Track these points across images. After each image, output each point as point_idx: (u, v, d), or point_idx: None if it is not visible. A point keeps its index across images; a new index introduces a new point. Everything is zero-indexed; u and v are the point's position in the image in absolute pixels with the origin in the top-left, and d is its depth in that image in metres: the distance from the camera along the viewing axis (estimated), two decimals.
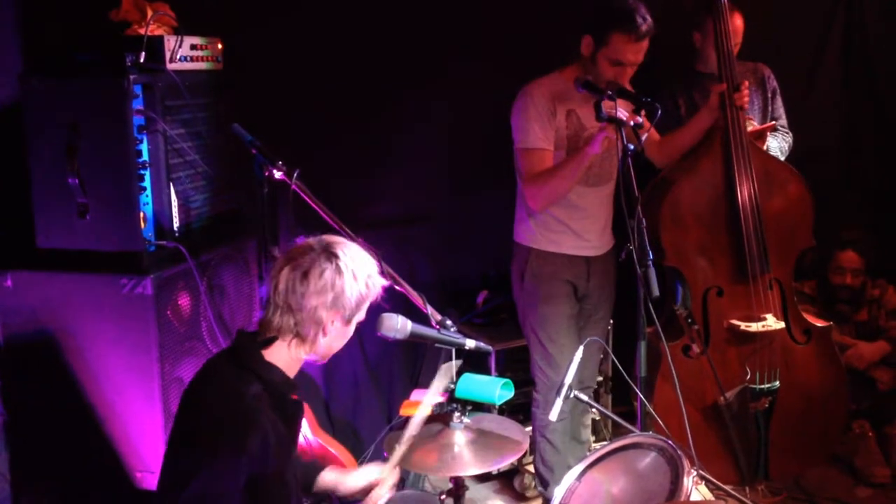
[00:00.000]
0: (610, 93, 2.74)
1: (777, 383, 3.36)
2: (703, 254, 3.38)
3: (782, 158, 3.72)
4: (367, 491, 2.30)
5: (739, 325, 3.32)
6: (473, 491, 3.68)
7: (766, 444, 3.37)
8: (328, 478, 2.34)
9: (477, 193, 3.92)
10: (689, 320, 3.35)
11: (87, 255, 2.70)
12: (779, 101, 3.78)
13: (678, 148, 3.36)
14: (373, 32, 3.68)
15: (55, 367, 2.68)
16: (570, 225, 3.17)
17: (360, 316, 2.09)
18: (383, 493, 2.28)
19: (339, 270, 1.98)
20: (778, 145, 3.73)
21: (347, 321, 2.05)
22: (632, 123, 2.70)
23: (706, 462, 2.42)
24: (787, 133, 3.78)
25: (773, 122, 3.69)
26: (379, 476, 2.31)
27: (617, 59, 2.93)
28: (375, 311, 2.27)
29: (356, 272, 2.01)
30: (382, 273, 2.18)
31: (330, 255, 2.00)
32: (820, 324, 3.54)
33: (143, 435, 2.67)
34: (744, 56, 3.59)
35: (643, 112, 2.75)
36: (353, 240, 2.20)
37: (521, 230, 3.27)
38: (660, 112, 2.74)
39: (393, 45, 3.69)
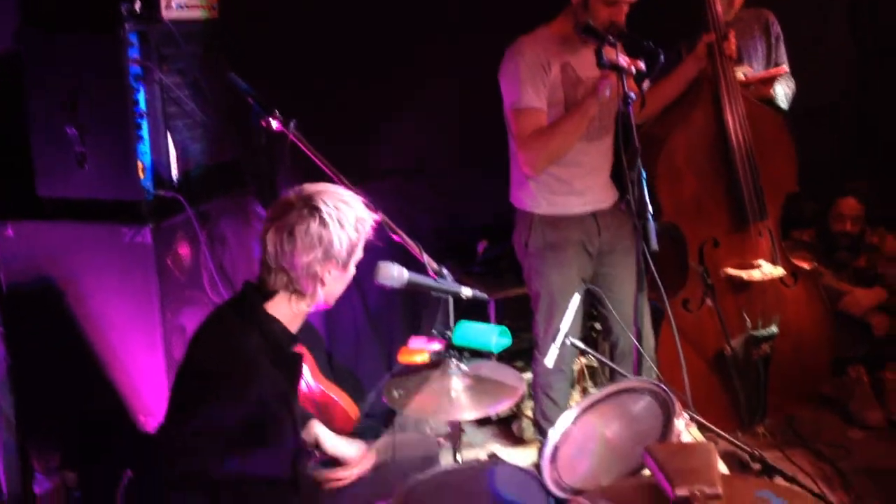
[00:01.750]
0: (611, 38, 2.67)
1: (775, 329, 3.39)
2: (699, 206, 3.37)
3: (786, 104, 3.70)
4: (339, 460, 2.34)
5: (741, 275, 3.33)
6: (472, 435, 3.75)
7: (766, 387, 3.42)
8: (316, 429, 2.36)
9: (477, 144, 3.89)
10: (705, 275, 3.34)
11: (87, 204, 2.73)
12: (782, 48, 3.73)
13: (662, 99, 3.27)
14: None
15: (58, 314, 2.72)
16: (573, 184, 3.05)
17: (358, 256, 2.09)
18: (350, 474, 2.33)
19: (323, 223, 1.97)
20: (783, 91, 3.70)
21: (344, 267, 2.06)
22: (633, 70, 2.65)
23: (707, 411, 2.45)
24: (790, 79, 3.75)
25: (783, 68, 3.66)
26: (356, 456, 2.35)
27: None
28: (374, 259, 2.29)
29: (342, 220, 1.99)
30: (377, 215, 2.17)
31: (312, 208, 1.97)
32: (806, 266, 3.58)
33: (146, 380, 2.72)
34: (749, 2, 3.55)
35: (644, 58, 2.69)
36: (351, 190, 2.18)
37: (521, 195, 3.14)
38: (662, 58, 2.68)
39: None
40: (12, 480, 2.26)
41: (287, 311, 2.05)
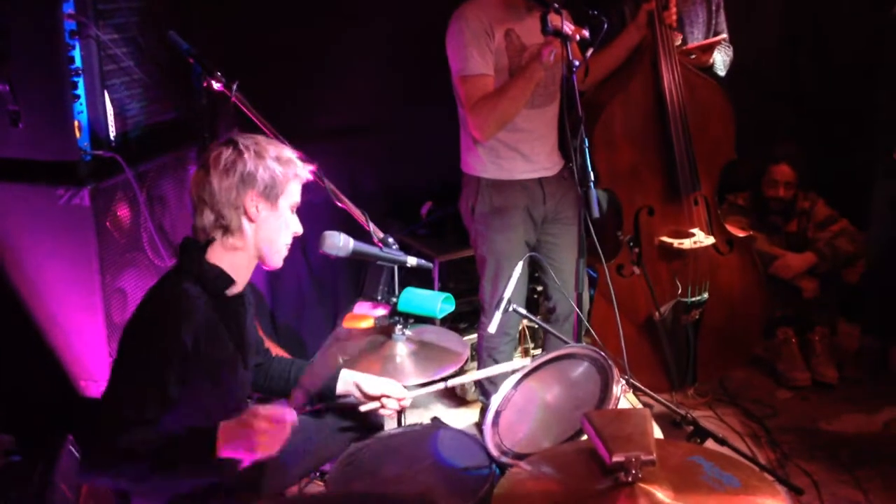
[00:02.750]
0: (556, 5, 2.68)
1: (706, 295, 3.49)
2: (635, 174, 3.43)
3: (724, 72, 3.76)
4: (376, 397, 2.35)
5: (672, 243, 3.41)
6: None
7: (695, 351, 3.53)
8: (350, 375, 2.36)
9: (421, 103, 3.86)
10: (631, 244, 3.43)
11: (21, 164, 2.64)
12: (722, 16, 3.78)
13: (604, 67, 3.30)
14: None
15: None
16: (519, 149, 3.08)
17: (290, 198, 2.07)
18: (391, 407, 2.36)
19: (238, 151, 2.00)
20: (722, 59, 3.76)
21: (271, 202, 2.04)
22: (577, 38, 2.67)
23: (638, 373, 2.53)
24: (728, 47, 3.80)
25: (724, 36, 3.71)
26: (394, 391, 2.34)
27: None
28: (318, 228, 2.29)
29: (259, 151, 2.02)
30: (318, 175, 2.17)
31: (229, 141, 2.03)
32: (741, 234, 3.69)
33: (86, 345, 2.69)
34: None
35: (588, 26, 2.70)
36: (294, 150, 2.17)
37: (469, 159, 3.16)
38: (606, 26, 2.70)
39: None
40: None
41: (227, 258, 2.04)
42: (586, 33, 2.68)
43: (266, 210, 2.03)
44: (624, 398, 2.22)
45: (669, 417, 3.14)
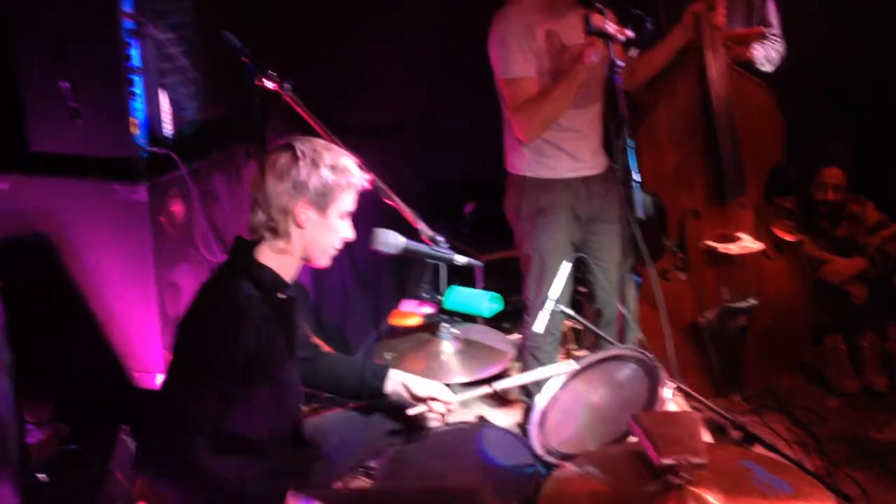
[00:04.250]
0: (599, 4, 2.67)
1: (753, 301, 3.45)
2: (681, 177, 3.39)
3: (770, 68, 3.66)
4: (424, 400, 2.31)
5: (718, 248, 3.37)
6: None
7: (742, 357, 3.49)
8: (398, 376, 2.33)
9: (464, 102, 3.87)
10: (674, 249, 3.39)
11: (80, 159, 2.72)
12: (770, 7, 3.64)
13: (650, 68, 3.27)
14: None
15: (53, 268, 2.73)
16: (563, 147, 3.07)
17: (341, 207, 2.08)
18: (438, 410, 2.31)
19: (293, 157, 2.01)
20: (765, 54, 3.63)
21: (321, 211, 2.05)
22: (621, 38, 2.65)
23: (683, 377, 2.52)
24: (776, 40, 3.64)
25: (759, 28, 3.61)
26: (444, 394, 2.31)
27: None
28: (368, 225, 2.31)
29: (315, 158, 2.02)
30: (368, 175, 2.19)
31: (286, 146, 2.04)
32: (789, 238, 3.63)
33: (140, 337, 2.75)
34: None
35: (631, 26, 2.68)
36: (343, 148, 2.19)
37: (514, 159, 3.16)
38: (650, 26, 2.68)
39: None
40: (11, 431, 2.30)
41: (274, 256, 2.06)
42: (630, 33, 2.66)
43: (315, 217, 2.05)
44: (672, 401, 2.21)
45: (716, 423, 3.13)
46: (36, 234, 2.72)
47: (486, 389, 2.39)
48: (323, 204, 2.04)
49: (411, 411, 2.33)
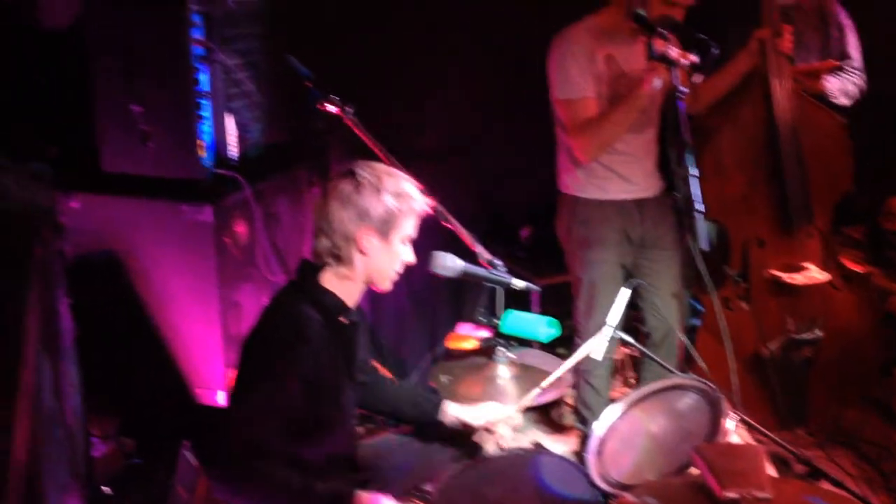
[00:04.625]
0: (662, 30, 2.65)
1: (819, 332, 3.35)
2: (745, 204, 3.33)
3: (846, 101, 3.58)
4: (487, 427, 2.33)
5: (782, 277, 3.30)
6: None
7: (806, 390, 3.39)
8: (453, 409, 2.35)
9: (520, 125, 3.89)
10: (736, 279, 3.33)
11: (149, 180, 2.80)
12: (850, 39, 3.54)
13: (715, 93, 3.23)
14: None
15: (120, 286, 2.81)
16: (616, 169, 3.06)
17: (403, 233, 2.10)
18: (505, 432, 2.32)
19: (357, 184, 2.03)
20: (841, 87, 3.58)
21: (384, 236, 2.07)
22: (684, 63, 2.63)
23: (744, 407, 2.47)
24: (853, 73, 3.55)
25: (832, 61, 3.55)
26: (502, 415, 2.32)
27: None
28: (425, 248, 2.33)
29: (379, 186, 2.04)
30: (430, 201, 2.21)
31: (350, 172, 2.06)
32: (857, 269, 3.53)
33: (203, 355, 2.81)
34: None
35: (696, 51, 2.66)
36: (402, 171, 2.21)
37: (567, 179, 3.15)
38: (715, 51, 2.65)
39: None
40: (79, 444, 2.36)
41: (337, 282, 2.09)
42: (694, 58, 2.63)
43: (378, 244, 2.07)
44: (734, 434, 2.16)
45: (780, 456, 3.04)
46: (105, 252, 2.80)
47: (536, 392, 2.35)
48: (385, 230, 2.07)
49: (477, 438, 2.33)
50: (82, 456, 2.43)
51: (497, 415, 2.31)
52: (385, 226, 2.06)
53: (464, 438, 2.37)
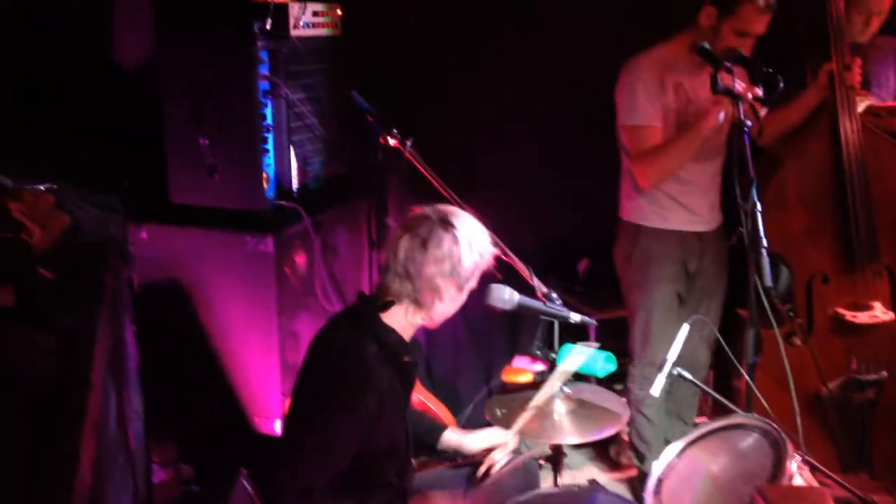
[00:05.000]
0: (728, 63, 2.63)
1: (884, 373, 3.25)
2: (809, 239, 3.26)
3: None
4: (486, 452, 2.38)
5: (845, 315, 3.21)
6: (568, 457, 3.74)
7: (870, 434, 3.28)
8: (451, 437, 2.41)
9: (577, 158, 3.89)
10: (791, 313, 3.26)
11: (214, 211, 2.87)
12: None
13: (783, 125, 3.19)
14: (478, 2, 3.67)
15: (184, 315, 2.88)
16: (680, 200, 3.08)
17: (473, 283, 2.16)
18: (501, 456, 2.36)
19: (456, 240, 2.06)
20: None
21: (461, 288, 2.14)
22: (750, 97, 2.61)
23: (806, 447, 2.40)
24: None
25: None
26: (501, 440, 2.38)
27: (745, 30, 2.82)
28: (482, 281, 2.34)
29: (472, 242, 2.09)
30: (495, 248, 2.25)
31: (447, 224, 2.08)
32: None
33: (262, 383, 2.85)
34: (888, 30, 3.41)
35: (762, 84, 2.64)
36: (461, 207, 2.25)
37: (629, 207, 3.18)
38: (782, 85, 2.63)
39: (495, 13, 3.67)
40: (140, 470, 2.41)
41: (402, 321, 2.12)
42: (759, 92, 2.62)
43: (454, 293, 2.13)
44: (797, 475, 2.10)
45: (845, 500, 2.94)
46: (170, 281, 2.87)
47: (529, 414, 2.31)
48: (465, 284, 2.13)
49: (481, 472, 2.35)
50: (143, 482, 2.47)
51: (494, 440, 2.35)
52: (466, 281, 2.13)
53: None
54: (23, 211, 1.86)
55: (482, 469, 2.37)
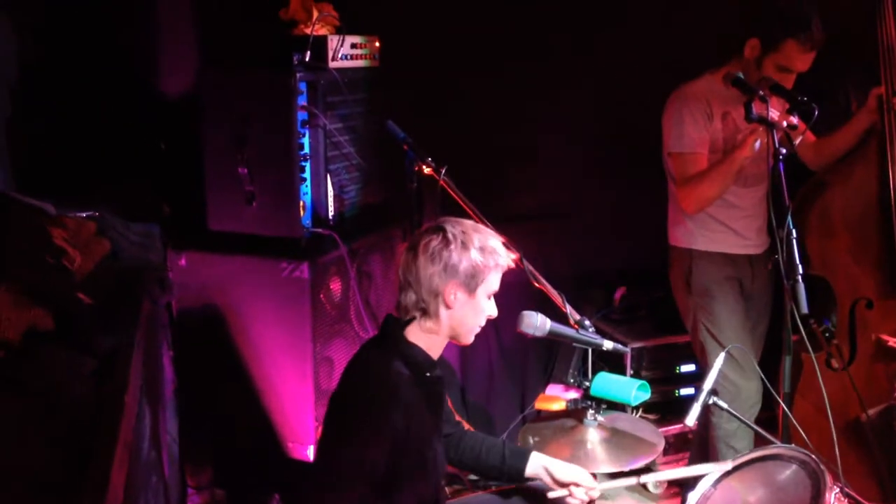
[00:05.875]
0: (762, 93, 2.63)
1: None
2: (853, 263, 3.21)
3: None
4: (565, 485, 2.29)
5: (889, 341, 3.15)
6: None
7: None
8: (541, 459, 2.32)
9: (614, 187, 3.89)
10: (827, 335, 3.20)
11: (251, 238, 2.92)
12: None
13: (833, 151, 3.20)
14: (516, 32, 3.70)
15: (220, 340, 2.92)
16: (729, 224, 3.11)
17: (489, 287, 2.13)
18: (579, 496, 2.28)
19: (445, 240, 2.07)
20: None
21: (470, 292, 2.10)
22: (784, 125, 2.60)
23: (846, 477, 2.34)
24: None
25: None
26: (586, 481, 2.28)
27: (787, 66, 2.84)
28: (516, 308, 2.34)
29: (465, 241, 2.08)
30: (515, 254, 2.24)
31: (437, 228, 2.11)
32: None
33: (296, 409, 2.87)
34: None
35: (798, 113, 2.63)
36: (499, 237, 2.25)
37: (678, 233, 3.20)
38: (817, 112, 2.61)
39: (534, 44, 3.71)
40: (174, 494, 2.44)
41: (423, 336, 2.13)
42: (794, 120, 2.61)
43: (464, 298, 2.10)
44: None
45: None
46: (207, 306, 2.92)
47: (631, 481, 2.31)
48: (472, 285, 2.10)
49: (551, 495, 2.30)
50: None
51: (583, 479, 2.27)
52: (471, 280, 2.09)
53: (547, 497, 2.31)
54: (65, 238, 1.91)
55: (556, 494, 2.28)
